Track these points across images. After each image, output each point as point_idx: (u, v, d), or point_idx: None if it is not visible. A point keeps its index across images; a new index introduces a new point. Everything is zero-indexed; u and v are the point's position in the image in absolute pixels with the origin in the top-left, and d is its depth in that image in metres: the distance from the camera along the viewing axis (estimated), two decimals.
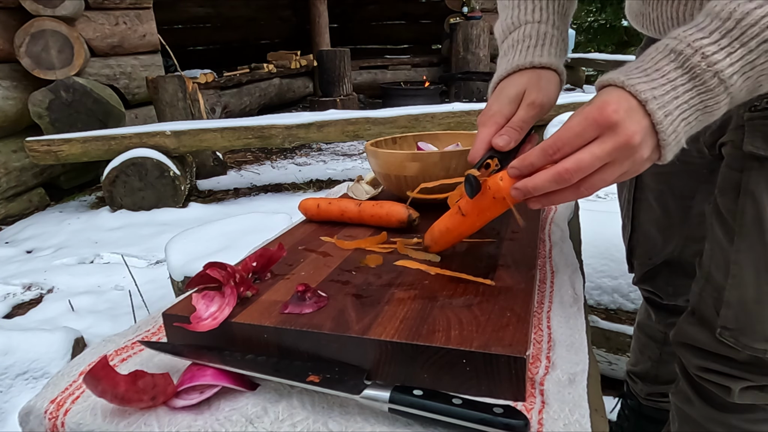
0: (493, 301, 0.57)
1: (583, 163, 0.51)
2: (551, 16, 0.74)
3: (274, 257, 0.68)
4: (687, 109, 0.50)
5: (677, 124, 0.50)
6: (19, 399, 1.47)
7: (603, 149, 0.50)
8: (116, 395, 0.48)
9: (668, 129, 0.50)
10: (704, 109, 0.50)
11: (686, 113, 0.50)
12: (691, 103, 0.50)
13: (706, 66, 0.49)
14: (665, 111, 0.49)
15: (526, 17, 0.74)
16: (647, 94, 0.49)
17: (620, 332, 1.45)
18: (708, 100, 0.50)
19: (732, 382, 0.73)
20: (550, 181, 0.53)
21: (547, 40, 0.72)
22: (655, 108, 0.49)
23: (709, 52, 0.48)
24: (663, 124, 0.49)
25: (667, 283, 0.99)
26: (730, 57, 0.48)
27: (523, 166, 0.55)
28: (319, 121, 3.34)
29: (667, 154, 0.52)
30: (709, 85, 0.49)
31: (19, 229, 3.14)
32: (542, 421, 0.45)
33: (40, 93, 3.38)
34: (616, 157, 0.50)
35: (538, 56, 0.70)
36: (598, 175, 0.52)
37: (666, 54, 0.51)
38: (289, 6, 8.34)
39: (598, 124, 0.50)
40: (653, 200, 0.94)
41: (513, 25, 0.75)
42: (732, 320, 0.69)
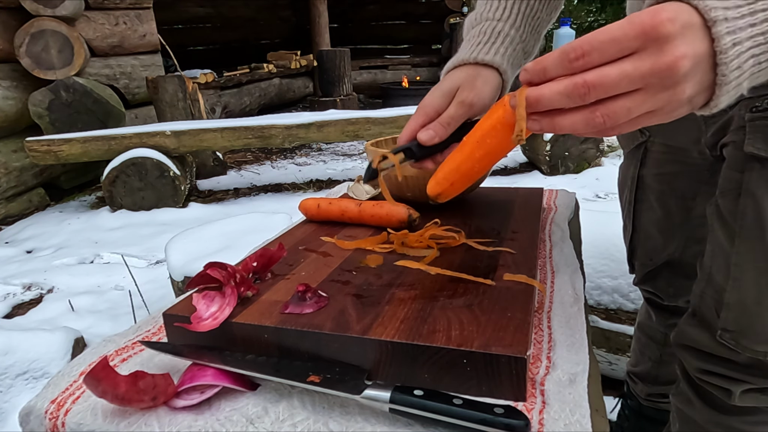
0: (494, 301, 0.57)
1: (607, 79, 0.40)
2: (513, 15, 0.72)
3: (274, 257, 0.68)
4: (763, 43, 0.40)
5: (745, 59, 0.40)
6: (19, 399, 1.47)
7: (637, 68, 0.40)
8: (117, 396, 0.48)
9: (733, 62, 0.39)
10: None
11: (760, 48, 0.40)
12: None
13: None
14: (735, 38, 0.39)
15: (488, 14, 0.73)
16: (718, 13, 0.39)
17: (620, 332, 1.45)
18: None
19: (732, 384, 0.72)
20: (561, 93, 0.42)
21: (499, 39, 0.70)
22: (723, 31, 0.39)
23: None
24: (728, 54, 0.39)
25: (668, 284, 0.99)
26: None
27: (535, 71, 0.44)
28: (319, 121, 3.34)
29: (722, 95, 0.41)
30: None
31: (19, 229, 3.13)
32: (543, 421, 0.45)
33: (40, 93, 3.38)
34: (651, 83, 0.40)
35: (483, 53, 0.68)
36: (623, 102, 0.41)
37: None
38: (289, 6, 8.34)
39: (643, 30, 0.39)
40: (654, 201, 0.94)
41: (475, 21, 0.75)
42: (732, 322, 0.69)
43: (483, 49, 0.69)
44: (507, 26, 0.72)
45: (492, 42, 0.70)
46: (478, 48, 0.70)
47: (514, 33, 0.72)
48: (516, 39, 0.72)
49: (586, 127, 0.43)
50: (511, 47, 0.71)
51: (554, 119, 0.44)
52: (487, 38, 0.71)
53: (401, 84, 6.81)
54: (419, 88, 6.56)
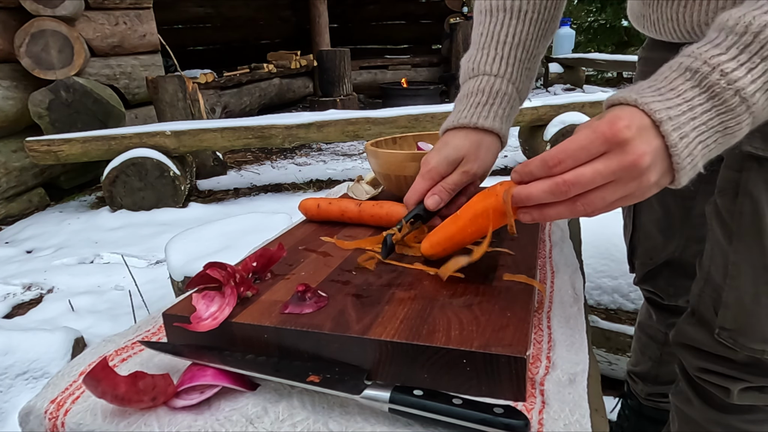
0: (494, 301, 0.57)
1: (583, 178, 0.47)
2: (510, 68, 0.74)
3: (274, 257, 0.68)
4: (705, 131, 0.47)
5: (693, 147, 0.47)
6: (19, 399, 1.47)
7: (607, 166, 0.47)
8: (116, 396, 0.48)
9: (683, 152, 0.46)
10: (724, 131, 0.47)
11: (704, 135, 0.47)
12: (710, 124, 0.47)
13: (726, 84, 0.45)
14: (681, 133, 0.46)
15: (485, 67, 0.75)
16: (662, 114, 0.46)
17: (620, 332, 1.45)
18: (729, 121, 0.47)
19: (731, 383, 0.73)
20: (546, 191, 0.50)
21: (497, 100, 0.73)
22: (669, 129, 0.46)
23: (729, 69, 0.45)
24: (678, 146, 0.46)
25: (668, 283, 0.99)
26: (751, 73, 0.45)
27: (523, 173, 0.52)
28: (319, 121, 3.34)
29: (681, 178, 0.48)
30: (730, 104, 0.46)
31: (19, 229, 3.13)
32: (542, 421, 0.45)
33: (40, 93, 3.38)
34: (621, 177, 0.47)
35: (483, 118, 0.72)
36: (599, 193, 0.48)
37: (681, 72, 0.48)
38: (289, 6, 8.34)
39: (606, 138, 0.46)
40: (654, 200, 0.94)
41: (472, 71, 0.76)
42: (730, 321, 0.69)
43: (482, 113, 0.72)
44: (504, 83, 0.74)
45: (491, 104, 0.73)
46: (477, 110, 0.73)
47: (511, 89, 0.74)
48: (513, 95, 0.74)
49: (570, 214, 0.51)
50: (508, 106, 0.74)
51: (542, 211, 0.52)
52: (485, 99, 0.73)
53: (401, 84, 6.81)
54: (419, 88, 6.56)
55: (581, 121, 3.25)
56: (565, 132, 3.30)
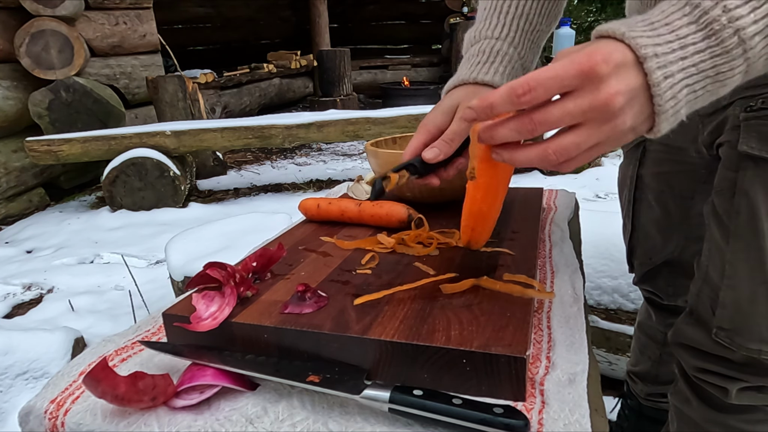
0: (493, 301, 0.57)
1: (551, 116, 0.45)
2: (512, 33, 0.73)
3: (274, 257, 0.68)
4: (695, 73, 0.43)
5: (678, 90, 0.43)
6: (19, 399, 1.47)
7: (577, 105, 0.44)
8: (116, 396, 0.48)
9: (666, 93, 0.43)
10: (715, 77, 0.44)
11: (692, 78, 0.43)
12: (701, 67, 0.43)
13: (726, 21, 0.42)
14: (665, 72, 0.43)
15: (486, 32, 0.74)
16: (648, 50, 0.42)
17: (620, 332, 1.45)
18: (722, 65, 0.43)
19: (729, 382, 0.73)
20: (512, 129, 0.47)
21: (498, 58, 0.72)
22: (654, 66, 0.42)
23: (732, 4, 0.42)
24: (660, 86, 0.43)
25: (668, 283, 0.99)
26: (755, 13, 0.41)
27: (481, 108, 0.47)
28: (319, 121, 3.34)
29: (661, 123, 0.44)
30: (726, 45, 0.42)
31: (19, 229, 3.13)
32: (542, 421, 0.45)
33: (40, 93, 3.38)
34: (592, 118, 0.44)
35: (483, 73, 0.70)
36: (571, 137, 0.45)
37: (681, 6, 0.43)
38: (289, 6, 8.33)
39: (581, 71, 0.43)
40: (653, 200, 0.94)
41: (474, 39, 0.76)
42: (727, 320, 0.69)
43: (482, 69, 0.71)
44: (506, 45, 0.73)
45: (491, 62, 0.72)
46: (477, 68, 0.71)
47: (512, 51, 0.73)
48: (515, 57, 0.73)
49: (541, 161, 0.47)
50: (509, 65, 0.72)
51: (513, 153, 0.49)
52: (486, 57, 0.72)
53: (401, 84, 6.81)
54: (419, 88, 6.56)
55: None
56: None
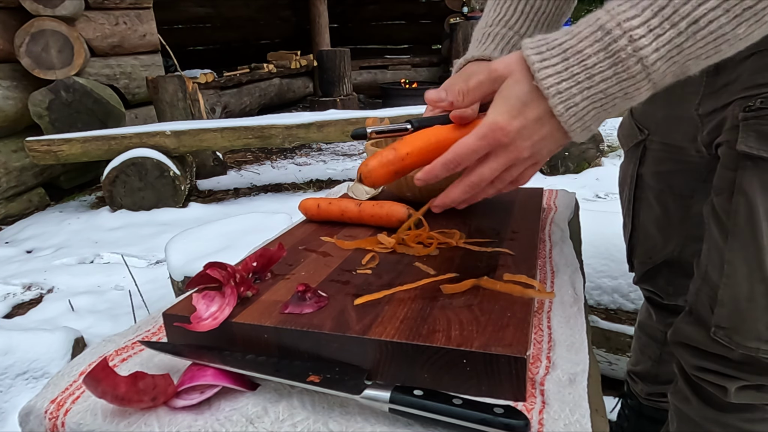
0: (494, 301, 0.57)
1: (484, 175, 0.55)
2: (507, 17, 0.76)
3: (274, 257, 0.68)
4: (602, 98, 0.49)
5: (585, 113, 0.50)
6: (19, 399, 1.47)
7: (499, 162, 0.54)
8: (116, 396, 0.48)
9: (571, 120, 0.50)
10: (623, 96, 0.49)
11: (600, 102, 0.49)
12: (608, 92, 0.49)
13: (632, 51, 0.46)
14: (568, 104, 0.49)
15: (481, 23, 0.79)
16: (552, 90, 0.49)
17: (620, 332, 1.45)
18: (628, 87, 0.48)
19: (728, 381, 0.73)
20: (462, 192, 0.57)
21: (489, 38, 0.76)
22: (556, 103, 0.49)
23: (637, 35, 0.46)
24: (564, 116, 0.50)
25: (668, 282, 0.99)
26: (657, 41, 0.45)
27: (429, 178, 0.58)
28: (319, 121, 3.34)
29: (574, 136, 0.52)
30: (631, 71, 0.47)
31: (19, 229, 3.13)
32: (543, 421, 0.45)
33: (40, 93, 3.38)
34: (514, 163, 0.54)
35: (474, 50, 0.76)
36: (505, 177, 0.56)
37: (593, 30, 0.48)
38: (289, 6, 8.34)
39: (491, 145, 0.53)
40: (653, 199, 0.94)
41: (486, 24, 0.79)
42: (725, 319, 0.69)
43: (472, 50, 0.76)
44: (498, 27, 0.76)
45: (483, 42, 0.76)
46: (485, 45, 0.76)
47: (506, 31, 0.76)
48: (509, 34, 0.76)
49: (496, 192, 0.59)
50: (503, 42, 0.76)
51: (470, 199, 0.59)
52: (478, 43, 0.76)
53: (401, 84, 6.81)
54: (419, 88, 6.56)
55: None
56: None
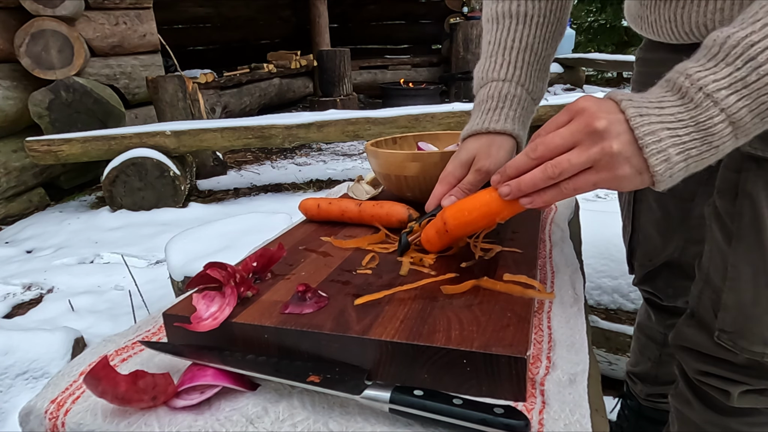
0: (494, 301, 0.57)
1: (567, 163, 0.53)
2: (518, 71, 0.75)
3: (274, 257, 0.68)
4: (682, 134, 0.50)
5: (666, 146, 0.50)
6: (19, 399, 1.47)
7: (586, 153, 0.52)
8: (116, 395, 0.48)
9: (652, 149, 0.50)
10: (696, 126, 0.50)
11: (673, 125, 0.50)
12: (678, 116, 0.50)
13: (689, 83, 0.49)
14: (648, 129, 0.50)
15: (492, 74, 0.76)
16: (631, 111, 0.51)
17: (620, 332, 1.45)
18: (698, 116, 0.49)
19: (731, 385, 0.72)
20: (539, 177, 0.55)
21: (507, 102, 0.74)
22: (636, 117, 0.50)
23: (693, 71, 0.50)
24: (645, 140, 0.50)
25: (667, 284, 0.99)
26: (715, 74, 0.49)
27: (511, 172, 0.58)
28: (319, 121, 3.34)
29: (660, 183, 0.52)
30: (696, 100, 0.49)
31: (19, 229, 3.13)
32: (543, 421, 0.45)
33: (40, 93, 3.38)
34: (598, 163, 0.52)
35: (494, 122, 0.73)
36: (585, 176, 0.54)
37: (660, 84, 0.52)
38: (289, 6, 8.33)
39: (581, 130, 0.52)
40: (653, 201, 0.94)
41: (482, 80, 0.78)
42: (730, 323, 0.69)
43: (493, 117, 0.74)
44: (513, 86, 0.75)
45: (501, 107, 0.74)
46: (488, 116, 0.74)
47: (521, 92, 0.75)
48: (524, 96, 0.75)
49: (561, 197, 0.57)
50: (519, 108, 0.75)
51: (536, 197, 0.58)
52: (495, 104, 0.74)
53: (400, 83, 6.81)
54: (419, 88, 6.56)
55: None
56: None
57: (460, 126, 3.41)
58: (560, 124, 0.55)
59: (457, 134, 1.09)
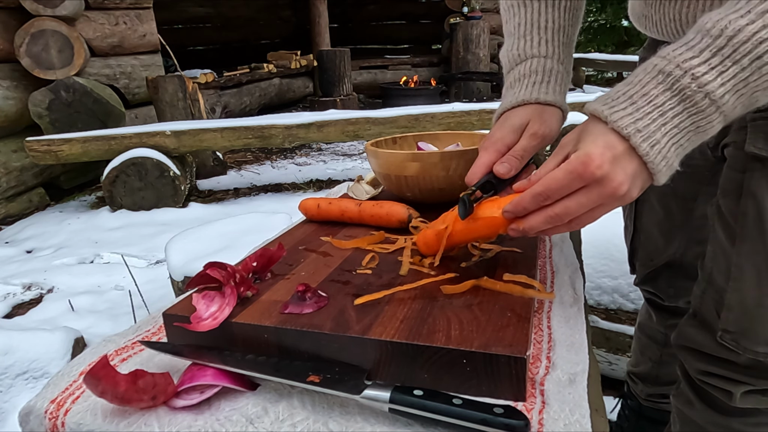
0: (494, 301, 0.57)
1: (570, 210, 0.53)
2: (557, 50, 0.75)
3: (274, 257, 0.68)
4: (677, 133, 0.50)
5: (667, 150, 0.50)
6: (19, 399, 1.47)
7: (590, 198, 0.52)
8: (116, 395, 0.48)
9: (657, 158, 0.50)
10: (696, 130, 0.50)
11: (677, 137, 0.50)
12: (681, 126, 0.49)
13: (696, 87, 0.48)
14: (651, 141, 0.49)
15: (532, 51, 0.75)
16: (630, 129, 0.49)
17: (620, 332, 1.45)
18: (700, 121, 0.49)
19: (733, 386, 0.72)
20: (543, 222, 0.55)
21: (552, 77, 0.73)
22: (639, 141, 0.49)
23: (699, 72, 0.47)
24: (650, 154, 0.50)
25: (669, 284, 0.99)
26: (722, 76, 0.47)
27: (517, 211, 0.57)
28: (319, 121, 3.34)
29: (659, 179, 0.52)
30: (700, 106, 0.48)
31: (19, 229, 3.13)
32: (542, 421, 0.45)
33: (40, 93, 3.38)
34: (603, 203, 0.52)
35: (543, 93, 0.72)
36: (587, 215, 0.54)
37: (654, 75, 0.50)
38: (289, 6, 8.34)
39: (583, 179, 0.51)
40: (656, 201, 0.94)
41: (519, 57, 0.76)
42: (733, 323, 0.69)
43: (541, 89, 0.73)
44: (555, 63, 0.74)
45: (547, 81, 0.73)
46: (535, 88, 0.73)
47: (562, 68, 0.75)
48: (564, 73, 0.75)
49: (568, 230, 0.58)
50: (562, 82, 0.74)
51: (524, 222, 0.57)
52: (541, 77, 0.73)
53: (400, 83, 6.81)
54: (419, 88, 6.56)
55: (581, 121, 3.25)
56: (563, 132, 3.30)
57: (461, 126, 3.41)
58: (573, 189, 0.53)
59: (457, 134, 1.09)
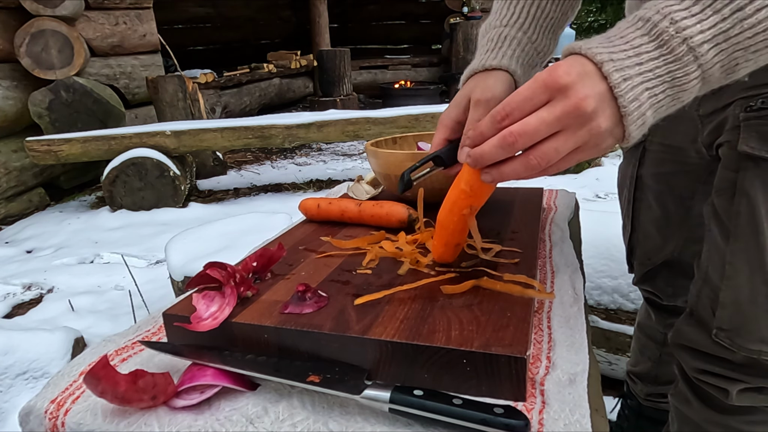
0: (494, 301, 0.57)
1: (528, 127, 0.48)
2: (522, 19, 0.72)
3: (274, 257, 0.68)
4: (652, 78, 0.46)
5: (639, 92, 0.46)
6: (19, 399, 1.47)
7: (551, 113, 0.47)
8: (116, 395, 0.48)
9: (628, 95, 0.46)
10: (672, 82, 0.47)
11: (651, 83, 0.46)
12: (656, 72, 0.46)
13: (674, 31, 0.45)
14: (624, 74, 0.46)
15: (496, 22, 0.74)
16: (603, 56, 0.46)
17: (620, 332, 1.45)
18: (676, 71, 0.46)
19: (729, 384, 0.73)
20: (496, 146, 0.50)
21: (506, 43, 0.70)
22: (611, 69, 0.46)
23: (679, 17, 0.45)
24: (621, 87, 0.46)
25: (667, 283, 0.99)
26: (701, 24, 0.45)
27: (475, 136, 0.52)
28: (319, 121, 3.34)
29: (629, 125, 0.47)
30: (677, 52, 0.45)
31: (19, 229, 3.13)
32: (543, 421, 0.45)
33: (40, 93, 3.38)
34: (568, 124, 0.47)
35: (491, 59, 0.69)
36: (550, 143, 0.48)
37: (634, 22, 0.48)
38: (289, 6, 8.34)
39: (546, 86, 0.47)
40: (653, 200, 0.94)
41: (485, 30, 0.75)
42: (727, 321, 0.69)
43: (490, 55, 0.70)
44: (514, 30, 0.71)
45: (499, 47, 0.70)
46: (486, 55, 0.70)
47: (521, 35, 0.71)
48: (524, 40, 0.71)
49: (526, 170, 0.50)
50: (518, 48, 0.70)
51: (499, 169, 0.52)
52: (494, 45, 0.71)
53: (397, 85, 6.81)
54: (419, 88, 6.56)
55: None
56: None
57: None
58: (537, 104, 0.48)
59: None
